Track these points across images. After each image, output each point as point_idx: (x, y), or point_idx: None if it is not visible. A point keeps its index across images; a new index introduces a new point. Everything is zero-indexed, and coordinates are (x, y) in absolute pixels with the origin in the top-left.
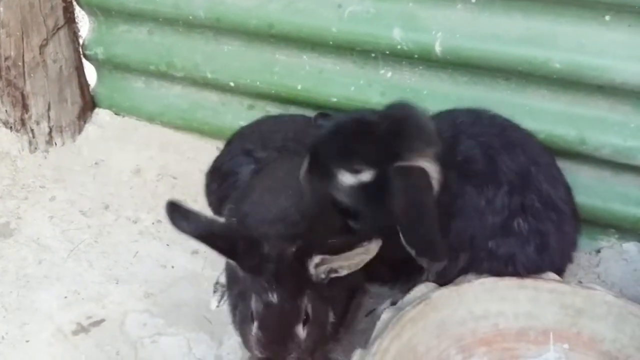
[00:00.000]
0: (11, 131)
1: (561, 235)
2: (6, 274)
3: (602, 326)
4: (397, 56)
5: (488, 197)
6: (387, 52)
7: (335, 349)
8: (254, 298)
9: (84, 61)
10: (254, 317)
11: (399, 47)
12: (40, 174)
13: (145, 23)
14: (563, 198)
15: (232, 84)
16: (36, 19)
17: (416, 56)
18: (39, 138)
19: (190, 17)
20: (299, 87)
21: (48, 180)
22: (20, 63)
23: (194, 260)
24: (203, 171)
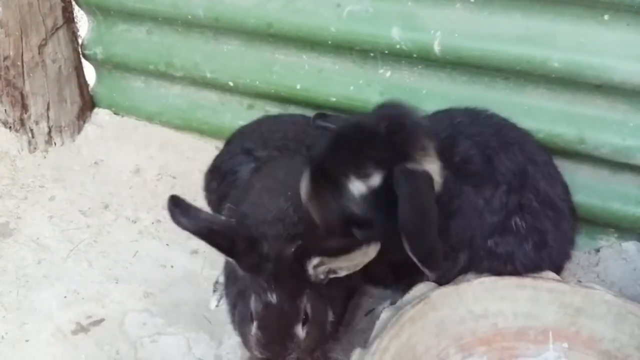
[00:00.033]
0: (10, 131)
1: (559, 232)
2: (6, 274)
3: (602, 325)
4: (396, 55)
5: (486, 197)
6: (386, 52)
7: (334, 348)
8: (253, 298)
9: (83, 61)
10: (254, 317)
11: (398, 47)
12: (39, 174)
13: (144, 22)
14: (560, 196)
15: (232, 84)
16: (35, 19)
17: (415, 55)
18: (39, 138)
19: (189, 17)
20: (298, 87)
21: (47, 180)
22: (19, 63)
23: (194, 260)
24: (202, 171)
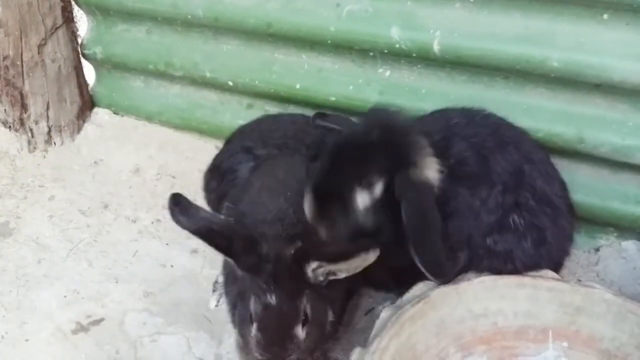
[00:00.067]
0: (10, 131)
1: (557, 229)
2: (6, 274)
3: (601, 324)
4: (396, 55)
5: (482, 198)
6: (386, 51)
7: (334, 348)
8: (253, 299)
9: (83, 60)
10: (253, 319)
11: (398, 46)
12: (39, 174)
13: (143, 22)
14: (558, 193)
15: (231, 83)
16: (34, 19)
17: (414, 55)
18: (38, 137)
19: (188, 17)
20: (298, 86)
21: (47, 179)
22: (18, 62)
23: (193, 259)
24: (202, 170)
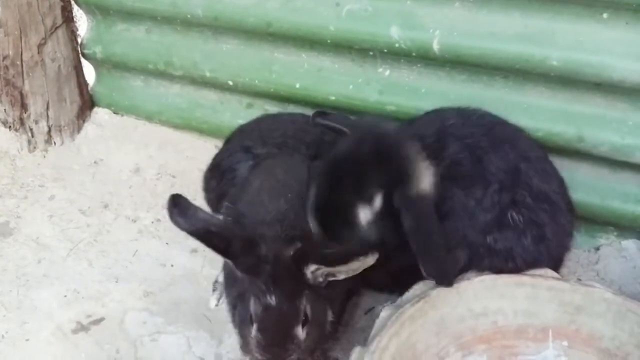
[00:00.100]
0: (10, 130)
1: (556, 225)
2: (6, 273)
3: (601, 323)
4: (395, 54)
5: (477, 197)
6: (385, 50)
7: (334, 348)
8: (253, 300)
9: (83, 60)
10: (253, 320)
11: (397, 45)
12: (39, 173)
13: (143, 22)
14: (556, 190)
15: (231, 83)
16: (34, 18)
17: (414, 54)
18: (38, 137)
19: (188, 16)
20: (298, 86)
21: (47, 179)
22: (18, 62)
23: (194, 258)
24: (202, 170)
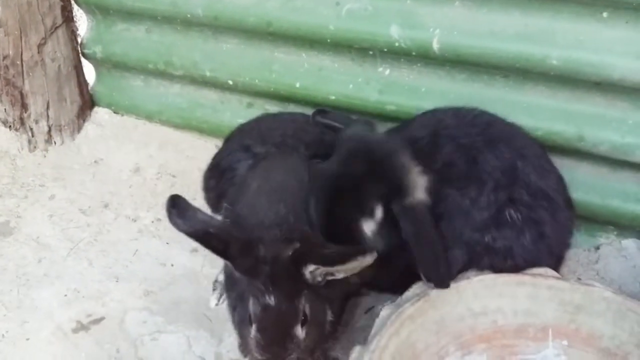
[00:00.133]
0: (10, 130)
1: (555, 222)
2: (6, 273)
3: (601, 322)
4: (395, 53)
5: (471, 197)
6: (385, 50)
7: (334, 347)
8: (252, 301)
9: (83, 60)
10: (252, 320)
11: (397, 45)
12: (39, 173)
13: (143, 21)
14: (554, 187)
15: (231, 82)
16: (34, 18)
17: (414, 53)
18: (38, 137)
19: (188, 15)
20: (298, 85)
21: (47, 179)
22: (18, 62)
23: (194, 258)
24: (202, 169)
